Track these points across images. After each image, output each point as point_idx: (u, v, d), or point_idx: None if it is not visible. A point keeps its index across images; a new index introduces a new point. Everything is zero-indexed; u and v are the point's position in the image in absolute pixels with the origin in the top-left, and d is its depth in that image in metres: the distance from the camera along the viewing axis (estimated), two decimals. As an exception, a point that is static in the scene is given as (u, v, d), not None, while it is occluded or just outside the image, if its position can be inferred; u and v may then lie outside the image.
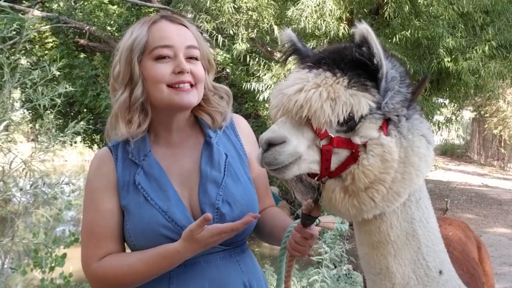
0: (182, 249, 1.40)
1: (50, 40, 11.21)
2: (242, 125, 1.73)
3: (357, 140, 1.17)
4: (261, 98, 7.73)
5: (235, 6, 7.81)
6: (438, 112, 10.65)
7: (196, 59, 1.54)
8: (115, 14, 11.20)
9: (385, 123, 1.18)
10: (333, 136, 1.17)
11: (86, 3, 11.71)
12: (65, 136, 3.97)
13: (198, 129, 1.63)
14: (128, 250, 1.56)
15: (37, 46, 11.08)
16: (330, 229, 1.60)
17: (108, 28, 11.38)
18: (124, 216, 1.51)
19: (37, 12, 10.12)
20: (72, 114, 12.33)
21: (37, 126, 9.57)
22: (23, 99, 7.03)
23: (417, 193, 1.25)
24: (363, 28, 1.11)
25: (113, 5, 11.46)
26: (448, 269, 1.33)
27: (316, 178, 1.26)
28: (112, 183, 1.53)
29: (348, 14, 7.85)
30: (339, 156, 1.19)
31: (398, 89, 1.19)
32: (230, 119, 1.68)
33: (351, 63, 1.17)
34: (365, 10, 8.89)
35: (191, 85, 1.49)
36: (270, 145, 1.18)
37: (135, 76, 1.50)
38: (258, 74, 7.88)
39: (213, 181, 1.53)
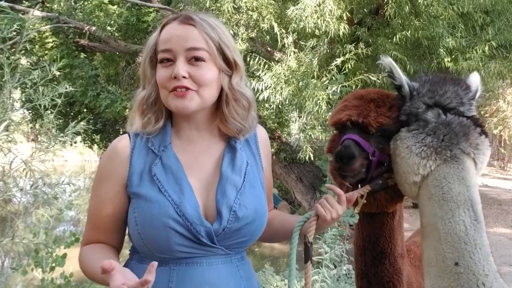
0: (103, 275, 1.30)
1: (50, 40, 11.21)
2: (262, 137, 1.71)
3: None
4: (261, 97, 7.70)
5: (234, 6, 7.82)
6: (438, 112, 10.61)
7: (201, 60, 1.47)
8: (115, 14, 11.22)
9: None
10: None
11: (86, 3, 11.74)
12: (65, 136, 3.95)
13: (224, 132, 1.60)
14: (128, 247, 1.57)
15: (37, 46, 11.08)
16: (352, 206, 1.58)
17: (108, 28, 11.40)
18: (130, 204, 1.49)
19: (37, 12, 10.13)
20: (72, 114, 12.36)
21: (37, 126, 9.56)
22: (23, 99, 7.00)
23: (437, 189, 1.47)
24: None
25: (113, 5, 11.48)
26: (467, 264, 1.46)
27: None
28: (120, 174, 1.50)
29: (348, 14, 7.85)
30: None
31: None
32: (254, 130, 1.62)
33: None
34: (365, 10, 8.91)
35: (187, 89, 1.44)
36: None
37: (147, 76, 1.53)
38: (258, 74, 7.87)
39: (232, 184, 1.50)
